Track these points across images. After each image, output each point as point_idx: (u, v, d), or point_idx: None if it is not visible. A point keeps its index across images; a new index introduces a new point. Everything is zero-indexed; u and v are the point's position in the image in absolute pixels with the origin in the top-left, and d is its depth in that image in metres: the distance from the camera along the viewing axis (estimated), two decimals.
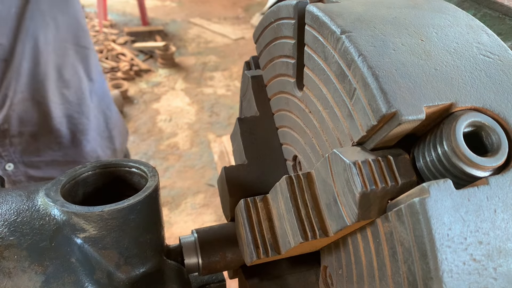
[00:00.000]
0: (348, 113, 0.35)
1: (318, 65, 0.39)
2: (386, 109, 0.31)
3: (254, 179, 0.51)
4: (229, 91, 4.15)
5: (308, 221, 0.37)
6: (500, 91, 0.33)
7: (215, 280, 0.54)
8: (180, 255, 0.48)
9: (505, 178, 0.30)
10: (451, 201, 0.29)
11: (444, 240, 0.28)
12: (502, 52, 0.36)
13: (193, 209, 2.89)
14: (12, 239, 0.39)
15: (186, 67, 4.54)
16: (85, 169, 0.45)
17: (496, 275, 0.28)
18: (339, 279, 0.40)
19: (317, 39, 0.38)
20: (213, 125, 3.69)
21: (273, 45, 0.48)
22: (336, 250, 0.40)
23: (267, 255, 0.41)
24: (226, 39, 5.07)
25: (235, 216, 0.45)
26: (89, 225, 0.40)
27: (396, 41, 0.35)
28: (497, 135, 0.31)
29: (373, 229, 0.33)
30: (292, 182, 0.38)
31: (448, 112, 0.32)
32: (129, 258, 0.42)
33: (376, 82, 0.32)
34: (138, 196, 0.41)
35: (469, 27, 0.38)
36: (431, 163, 0.32)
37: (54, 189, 0.42)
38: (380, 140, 0.33)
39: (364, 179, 0.31)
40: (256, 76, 0.55)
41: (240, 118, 0.54)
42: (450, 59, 0.35)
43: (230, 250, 0.48)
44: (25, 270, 0.38)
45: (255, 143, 0.53)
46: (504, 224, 0.29)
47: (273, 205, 0.41)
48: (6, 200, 0.42)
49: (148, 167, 0.45)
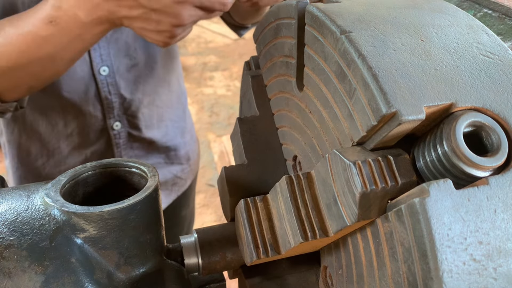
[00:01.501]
0: (348, 113, 0.35)
1: (318, 65, 0.39)
2: (386, 109, 0.31)
3: (254, 179, 0.51)
4: (229, 91, 4.15)
5: (308, 221, 0.37)
6: (500, 91, 0.33)
7: (215, 280, 0.54)
8: (180, 255, 0.48)
9: (505, 178, 0.30)
10: (451, 201, 0.29)
11: (444, 240, 0.28)
12: (502, 52, 0.36)
13: None
14: (12, 239, 0.39)
15: (186, 67, 4.54)
16: (85, 169, 0.45)
17: (496, 275, 0.28)
18: (339, 279, 0.40)
19: (317, 39, 0.38)
20: (213, 125, 3.69)
21: (273, 45, 0.48)
22: (336, 250, 0.40)
23: (267, 255, 0.41)
24: (226, 39, 5.07)
25: (235, 216, 0.45)
26: (89, 225, 0.40)
27: (396, 41, 0.35)
28: (497, 135, 0.31)
29: (373, 229, 0.33)
30: (292, 182, 0.38)
31: (448, 112, 0.32)
32: (129, 258, 0.42)
33: (376, 82, 0.32)
34: (138, 196, 0.41)
35: (469, 27, 0.38)
36: (431, 163, 0.32)
37: (54, 189, 0.42)
38: (380, 140, 0.33)
39: (364, 179, 0.31)
40: (256, 76, 0.55)
41: (240, 118, 0.54)
42: (450, 59, 0.35)
43: (230, 250, 0.48)
44: (25, 270, 0.38)
45: (255, 143, 0.53)
46: (504, 224, 0.29)
47: (273, 205, 0.41)
48: (6, 200, 0.42)
49: (148, 167, 0.45)
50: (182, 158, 1.26)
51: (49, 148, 1.08)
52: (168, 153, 1.22)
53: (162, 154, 1.21)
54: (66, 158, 1.09)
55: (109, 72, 1.04)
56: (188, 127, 1.30)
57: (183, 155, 1.26)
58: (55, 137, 1.07)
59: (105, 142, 1.10)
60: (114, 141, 1.10)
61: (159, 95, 1.16)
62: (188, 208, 1.38)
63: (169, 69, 1.19)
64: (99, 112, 1.06)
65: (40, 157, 1.08)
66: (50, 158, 1.09)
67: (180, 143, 1.24)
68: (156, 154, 1.19)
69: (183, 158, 1.26)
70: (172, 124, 1.21)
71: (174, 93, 1.22)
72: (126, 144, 1.12)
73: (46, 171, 1.10)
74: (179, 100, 1.25)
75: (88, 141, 1.09)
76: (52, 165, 1.09)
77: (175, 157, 1.24)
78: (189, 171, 1.30)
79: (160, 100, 1.17)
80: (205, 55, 4.76)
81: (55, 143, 1.07)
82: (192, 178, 1.33)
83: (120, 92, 1.07)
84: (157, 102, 1.16)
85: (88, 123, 1.07)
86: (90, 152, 1.10)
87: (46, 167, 1.09)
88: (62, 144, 1.08)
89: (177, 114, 1.23)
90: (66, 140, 1.08)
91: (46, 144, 1.07)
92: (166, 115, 1.19)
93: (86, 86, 1.03)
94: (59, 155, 1.09)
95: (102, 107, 1.06)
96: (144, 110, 1.13)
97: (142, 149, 1.16)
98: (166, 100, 1.19)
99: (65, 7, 0.75)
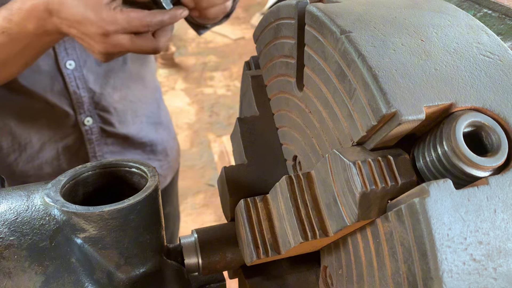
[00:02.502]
0: (348, 113, 0.35)
1: (318, 65, 0.39)
2: (386, 109, 0.31)
3: (254, 179, 0.51)
4: (229, 91, 4.15)
5: (308, 221, 0.37)
6: (500, 91, 0.33)
7: (215, 280, 0.54)
8: (180, 255, 0.48)
9: (505, 178, 0.30)
10: (451, 201, 0.29)
11: (444, 240, 0.28)
12: (502, 52, 0.36)
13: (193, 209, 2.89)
14: (12, 239, 0.39)
15: (186, 67, 4.54)
16: (85, 169, 0.45)
17: (496, 275, 0.28)
18: (339, 279, 0.40)
19: (317, 39, 0.38)
20: (213, 125, 3.69)
21: (273, 45, 0.48)
22: (336, 250, 0.40)
23: (267, 255, 0.41)
24: (226, 39, 5.07)
25: (235, 216, 0.45)
26: (89, 225, 0.40)
27: (396, 41, 0.35)
28: (497, 135, 0.31)
29: (373, 229, 0.33)
30: (292, 182, 0.38)
31: (448, 112, 0.32)
32: (129, 258, 0.42)
33: (376, 82, 0.32)
34: (138, 196, 0.41)
35: (469, 27, 0.38)
36: (431, 163, 0.32)
37: (54, 189, 0.42)
38: (380, 140, 0.33)
39: (364, 179, 0.31)
40: (256, 76, 0.55)
41: (240, 118, 0.54)
42: (450, 59, 0.35)
43: (230, 250, 0.48)
44: (25, 270, 0.38)
45: (255, 143, 0.53)
46: (504, 224, 0.29)
47: (273, 205, 0.41)
48: (6, 200, 0.42)
49: (148, 167, 0.45)
50: (160, 154, 1.26)
51: (21, 142, 1.08)
52: (144, 148, 1.23)
53: (138, 150, 1.22)
54: (38, 152, 1.09)
55: (75, 66, 1.04)
56: (165, 123, 1.30)
57: (160, 151, 1.26)
58: (26, 130, 1.07)
59: (77, 137, 1.11)
60: (86, 136, 1.11)
61: (132, 90, 1.17)
62: (171, 206, 1.38)
63: (142, 63, 1.19)
64: (68, 106, 1.07)
65: (12, 151, 1.08)
66: (23, 152, 1.09)
67: (156, 139, 1.25)
68: (132, 150, 1.20)
69: (160, 154, 1.26)
70: (147, 119, 1.22)
71: (148, 88, 1.23)
72: (99, 140, 1.13)
73: (20, 167, 1.09)
74: (154, 96, 1.26)
75: (59, 136, 1.10)
76: (25, 161, 1.09)
77: (152, 153, 1.24)
78: (168, 168, 1.30)
79: (134, 95, 1.18)
80: (205, 55, 4.76)
81: (26, 137, 1.08)
82: (172, 175, 1.34)
83: (88, 86, 1.07)
84: (130, 97, 1.17)
85: (58, 117, 1.07)
86: (62, 147, 1.10)
87: (19, 162, 1.09)
88: (33, 138, 1.08)
89: (152, 110, 1.24)
90: (37, 134, 1.08)
91: (17, 138, 1.07)
92: (140, 110, 1.20)
93: (52, 80, 1.04)
94: (31, 149, 1.09)
95: (71, 102, 1.06)
96: (117, 105, 1.13)
97: (117, 145, 1.17)
98: (140, 95, 1.20)
99: (16, 20, 0.82)
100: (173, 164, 1.33)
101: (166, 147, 1.28)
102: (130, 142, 1.19)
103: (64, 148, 1.11)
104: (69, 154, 1.12)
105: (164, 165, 1.28)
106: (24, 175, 1.10)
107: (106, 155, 1.14)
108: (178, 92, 4.14)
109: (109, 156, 1.15)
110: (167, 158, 1.29)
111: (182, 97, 4.07)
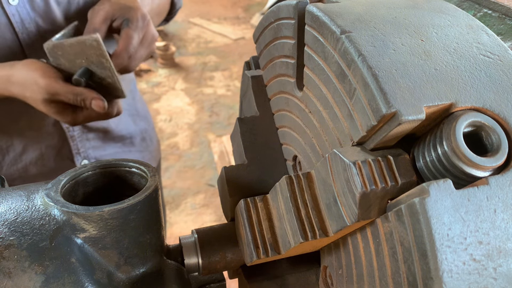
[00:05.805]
0: (348, 113, 0.35)
1: (318, 65, 0.39)
2: (386, 109, 0.31)
3: (254, 179, 0.51)
4: (229, 91, 4.15)
5: (308, 221, 0.37)
6: (500, 91, 0.33)
7: (215, 280, 0.54)
8: (180, 255, 0.48)
9: (505, 178, 0.30)
10: (451, 201, 0.29)
11: (444, 240, 0.28)
12: (502, 52, 0.36)
13: (193, 209, 2.89)
14: (12, 239, 0.39)
15: (186, 67, 4.54)
16: (85, 169, 0.45)
17: (496, 275, 0.28)
18: (339, 279, 0.40)
19: (317, 39, 0.38)
20: (213, 125, 3.69)
21: (273, 45, 0.48)
22: (336, 250, 0.40)
23: (267, 255, 0.41)
24: (226, 39, 5.07)
25: (235, 216, 0.45)
26: (89, 225, 0.40)
27: (396, 41, 0.35)
28: (497, 135, 0.31)
29: (373, 229, 0.33)
30: (292, 182, 0.38)
31: (448, 112, 0.32)
32: (129, 258, 0.42)
33: (376, 82, 0.32)
34: (138, 196, 0.41)
35: (469, 27, 0.38)
36: (431, 163, 0.32)
37: (54, 189, 0.42)
38: (380, 140, 0.33)
39: (364, 179, 0.31)
40: (256, 76, 0.55)
41: (240, 118, 0.54)
42: (450, 59, 0.35)
43: (230, 250, 0.48)
44: (25, 270, 0.38)
45: (255, 143, 0.53)
46: (504, 224, 0.29)
47: (273, 205, 0.41)
48: (6, 200, 0.42)
49: (148, 167, 0.45)
50: (140, 145, 1.29)
51: (2, 146, 1.09)
52: (124, 141, 1.25)
53: (119, 143, 1.24)
54: (21, 154, 1.11)
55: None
56: (142, 114, 1.32)
57: (139, 142, 1.29)
58: (6, 133, 1.09)
59: (59, 135, 1.12)
60: (68, 134, 1.13)
61: None
62: None
63: None
64: None
65: None
66: (5, 156, 1.10)
67: (135, 130, 1.27)
68: (112, 144, 1.22)
69: (140, 145, 1.29)
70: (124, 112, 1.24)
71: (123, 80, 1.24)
72: (81, 136, 1.15)
73: (4, 170, 1.11)
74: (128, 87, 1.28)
75: (41, 136, 1.11)
76: (9, 164, 1.11)
77: (131, 145, 1.27)
78: (150, 158, 1.32)
79: None
80: (205, 55, 4.76)
81: (7, 140, 1.09)
82: (155, 164, 1.36)
83: None
84: None
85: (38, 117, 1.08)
86: (45, 147, 1.12)
87: (3, 166, 1.11)
88: (15, 141, 1.10)
89: (127, 102, 1.26)
90: (19, 136, 1.09)
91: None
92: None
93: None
94: (13, 152, 1.10)
95: None
96: None
97: (98, 139, 1.19)
98: None
99: None
100: (155, 154, 1.36)
101: (146, 138, 1.31)
102: (110, 136, 1.21)
103: (48, 147, 1.12)
104: (53, 153, 1.14)
105: (146, 155, 1.31)
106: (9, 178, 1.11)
107: (89, 151, 1.17)
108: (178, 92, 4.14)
109: (92, 151, 1.17)
110: (148, 148, 1.32)
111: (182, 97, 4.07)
